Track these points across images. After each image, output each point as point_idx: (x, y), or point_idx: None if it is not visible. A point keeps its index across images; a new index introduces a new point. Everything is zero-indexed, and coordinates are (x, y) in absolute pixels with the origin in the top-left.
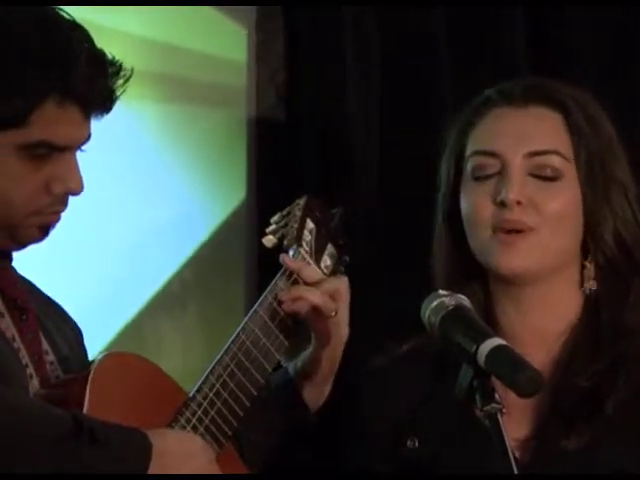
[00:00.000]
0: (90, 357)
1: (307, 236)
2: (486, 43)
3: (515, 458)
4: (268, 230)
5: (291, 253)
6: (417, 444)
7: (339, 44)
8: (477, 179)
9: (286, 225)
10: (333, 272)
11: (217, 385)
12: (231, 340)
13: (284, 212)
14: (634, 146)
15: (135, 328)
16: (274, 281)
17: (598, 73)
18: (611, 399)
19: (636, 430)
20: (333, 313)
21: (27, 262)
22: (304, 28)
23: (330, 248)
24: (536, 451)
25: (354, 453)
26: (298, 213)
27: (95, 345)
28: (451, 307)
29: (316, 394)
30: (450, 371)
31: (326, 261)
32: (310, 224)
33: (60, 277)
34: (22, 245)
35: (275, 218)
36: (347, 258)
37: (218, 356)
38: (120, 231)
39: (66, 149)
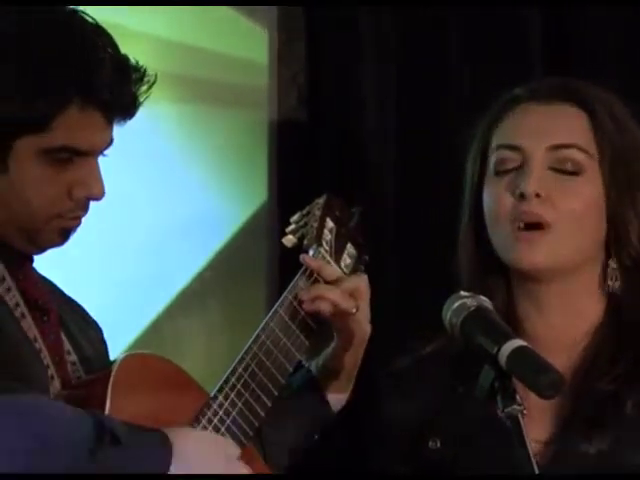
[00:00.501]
0: (111, 358)
1: (327, 235)
2: (503, 43)
3: (535, 460)
4: (288, 230)
5: (311, 252)
6: (439, 445)
7: (358, 44)
8: (498, 174)
9: (306, 225)
10: (353, 271)
11: (238, 385)
12: (252, 340)
13: (304, 212)
14: None
15: (156, 329)
16: (294, 281)
17: (616, 73)
18: (632, 399)
19: None
20: (354, 310)
21: (48, 263)
22: (325, 29)
23: (350, 247)
24: (556, 453)
25: (374, 453)
26: (318, 212)
27: (116, 346)
28: (472, 308)
29: (339, 392)
30: (471, 372)
31: (346, 260)
32: (330, 223)
33: (80, 278)
34: (42, 249)
35: (295, 218)
36: (367, 257)
37: (239, 356)
38: (142, 232)
39: (88, 154)
